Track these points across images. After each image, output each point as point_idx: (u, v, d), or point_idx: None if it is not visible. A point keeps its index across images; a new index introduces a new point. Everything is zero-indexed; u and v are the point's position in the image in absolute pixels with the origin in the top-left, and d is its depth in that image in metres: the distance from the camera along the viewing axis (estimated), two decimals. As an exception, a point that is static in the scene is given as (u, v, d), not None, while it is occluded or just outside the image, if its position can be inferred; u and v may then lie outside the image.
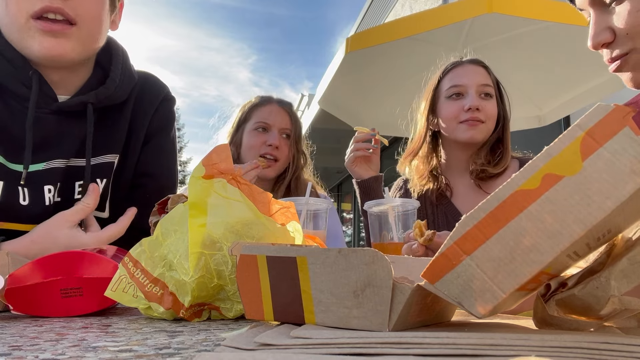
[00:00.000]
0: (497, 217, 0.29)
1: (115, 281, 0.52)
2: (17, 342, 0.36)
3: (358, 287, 0.33)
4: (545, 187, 0.28)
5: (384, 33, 3.14)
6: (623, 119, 0.28)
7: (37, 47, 0.78)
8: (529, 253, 0.28)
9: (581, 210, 0.27)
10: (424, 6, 6.89)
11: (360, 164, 1.36)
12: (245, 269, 0.38)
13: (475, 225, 0.29)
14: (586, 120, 0.29)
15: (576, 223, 0.27)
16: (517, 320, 0.42)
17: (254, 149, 1.46)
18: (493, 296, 0.29)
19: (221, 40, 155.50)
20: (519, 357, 0.25)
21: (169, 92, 1.04)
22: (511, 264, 0.28)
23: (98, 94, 0.88)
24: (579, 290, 0.32)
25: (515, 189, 0.29)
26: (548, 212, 0.28)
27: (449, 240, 0.30)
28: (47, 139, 0.85)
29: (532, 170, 0.29)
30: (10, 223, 0.84)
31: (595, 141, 0.28)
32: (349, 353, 0.28)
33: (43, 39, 0.77)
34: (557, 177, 0.28)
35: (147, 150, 0.99)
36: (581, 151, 0.28)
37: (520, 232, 0.28)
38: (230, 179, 0.56)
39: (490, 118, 1.33)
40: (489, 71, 1.39)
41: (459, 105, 1.33)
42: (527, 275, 0.28)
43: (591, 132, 0.28)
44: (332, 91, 3.54)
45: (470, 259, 0.29)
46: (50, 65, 0.83)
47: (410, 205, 0.93)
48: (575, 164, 0.28)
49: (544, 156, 0.29)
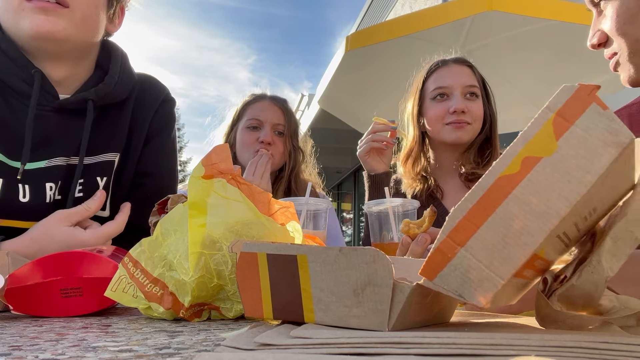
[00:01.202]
0: (484, 205, 0.30)
1: (115, 281, 0.52)
2: (17, 342, 0.36)
3: (358, 286, 0.33)
4: (526, 170, 0.29)
5: (384, 31, 3.13)
6: (589, 96, 0.29)
7: (28, 25, 0.78)
8: (520, 236, 0.29)
9: (563, 188, 0.28)
10: (424, 6, 6.89)
11: (373, 155, 1.34)
12: (245, 267, 0.38)
13: (465, 216, 0.30)
14: (555, 101, 0.30)
15: (560, 200, 0.28)
16: (517, 320, 0.42)
17: (247, 146, 1.44)
18: (492, 284, 0.29)
19: (221, 40, 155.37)
20: (519, 357, 0.25)
21: (169, 94, 1.05)
22: (505, 249, 0.29)
23: (98, 90, 0.89)
24: (577, 279, 0.32)
25: (497, 176, 0.30)
26: (532, 194, 0.29)
27: (441, 235, 0.30)
28: (48, 137, 0.86)
29: (511, 155, 0.30)
30: (9, 220, 0.84)
31: (566, 120, 0.29)
32: (349, 353, 0.28)
33: (34, 17, 0.78)
34: (536, 158, 0.29)
35: (148, 150, 0.99)
36: (554, 131, 0.29)
37: (509, 217, 0.29)
38: (230, 179, 0.56)
39: (476, 119, 1.31)
40: (474, 70, 1.37)
41: (444, 107, 1.31)
42: (522, 258, 0.28)
43: (561, 112, 0.29)
44: (332, 90, 3.54)
45: (465, 249, 0.30)
46: (44, 47, 0.83)
47: (410, 205, 0.93)
48: (551, 144, 0.29)
49: (521, 141, 0.30)
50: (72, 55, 0.87)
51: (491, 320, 0.42)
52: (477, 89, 1.33)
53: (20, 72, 0.84)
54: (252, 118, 1.47)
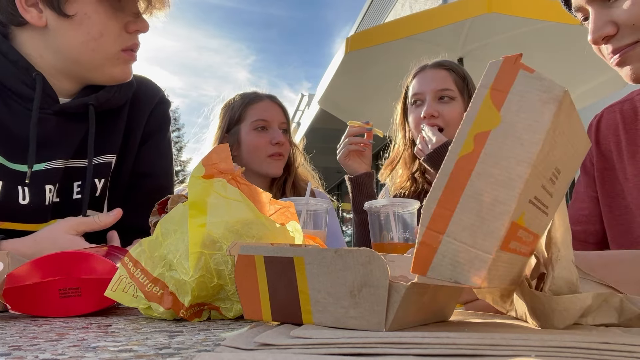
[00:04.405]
0: (452, 189, 0.31)
1: (115, 281, 0.52)
2: (17, 342, 0.36)
3: (355, 287, 0.33)
4: (480, 145, 0.31)
5: (383, 33, 3.14)
6: (515, 64, 0.31)
7: (119, 73, 0.90)
8: (494, 208, 0.30)
9: (518, 152, 0.30)
10: (424, 6, 6.90)
11: (353, 157, 1.36)
12: (243, 269, 0.38)
13: (437, 204, 0.31)
14: (486, 78, 0.32)
15: (519, 164, 0.30)
16: (517, 320, 0.42)
17: (260, 149, 1.42)
18: (481, 261, 0.29)
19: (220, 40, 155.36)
20: (518, 357, 0.25)
21: (164, 95, 1.06)
22: (483, 225, 0.30)
23: (99, 97, 0.90)
24: (554, 272, 0.36)
25: (456, 159, 0.31)
26: (492, 166, 0.30)
27: (421, 228, 0.31)
28: (48, 140, 0.86)
29: (462, 136, 0.31)
30: (9, 222, 0.84)
31: (501, 92, 0.31)
32: (348, 353, 0.28)
33: (126, 67, 0.91)
34: (485, 133, 0.31)
35: (144, 152, 1.00)
36: (494, 104, 0.31)
37: (478, 193, 0.30)
38: (230, 179, 0.56)
39: (450, 122, 1.32)
40: (454, 72, 1.37)
41: (418, 113, 1.34)
42: (501, 228, 0.29)
43: (495, 86, 0.31)
44: (332, 91, 3.54)
45: (447, 235, 0.30)
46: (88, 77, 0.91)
47: (410, 206, 0.93)
48: (495, 116, 0.31)
49: (467, 121, 0.31)
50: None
51: (491, 320, 0.42)
52: (452, 92, 1.34)
53: (21, 75, 0.84)
54: (258, 119, 1.45)
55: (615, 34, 0.75)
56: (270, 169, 1.43)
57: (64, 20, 0.81)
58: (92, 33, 0.83)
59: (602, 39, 0.76)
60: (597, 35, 0.76)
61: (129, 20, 0.86)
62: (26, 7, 0.81)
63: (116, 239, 0.88)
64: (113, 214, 0.85)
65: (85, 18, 0.82)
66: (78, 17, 0.82)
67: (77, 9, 0.81)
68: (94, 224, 0.83)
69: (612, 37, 0.76)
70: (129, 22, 0.86)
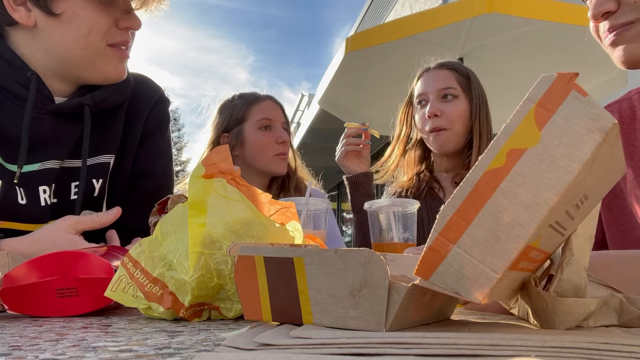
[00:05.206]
0: (473, 200, 0.29)
1: (115, 281, 0.52)
2: (17, 342, 0.36)
3: (354, 288, 0.33)
4: (512, 162, 0.29)
5: (384, 33, 3.14)
6: (568, 84, 0.29)
7: (111, 71, 0.89)
8: (511, 229, 0.28)
9: (550, 177, 0.28)
10: (424, 6, 6.89)
11: (351, 158, 1.38)
12: (243, 270, 0.38)
13: (455, 212, 0.30)
14: (534, 92, 0.30)
15: (549, 190, 0.28)
16: (517, 320, 0.42)
17: (267, 147, 1.44)
18: (487, 279, 0.29)
19: (219, 41, 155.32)
20: (519, 358, 0.25)
21: (163, 94, 1.05)
22: (497, 244, 0.29)
23: (94, 96, 0.89)
24: (562, 274, 0.34)
25: (484, 170, 0.30)
26: (519, 185, 0.29)
27: (433, 233, 0.30)
28: (42, 140, 0.86)
29: (496, 149, 0.30)
30: (10, 222, 0.84)
31: (547, 110, 0.29)
32: (349, 353, 0.28)
33: (118, 64, 0.89)
34: (521, 150, 0.29)
35: (143, 151, 0.99)
36: (536, 122, 0.29)
37: (498, 210, 0.29)
38: (229, 179, 0.56)
39: (453, 121, 1.32)
40: (457, 71, 1.38)
41: (423, 113, 1.36)
42: (515, 251, 0.28)
43: (542, 103, 0.29)
44: (332, 91, 3.54)
45: (457, 246, 0.29)
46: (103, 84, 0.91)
47: (410, 206, 0.93)
48: (534, 135, 0.29)
49: (504, 134, 0.30)
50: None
51: (491, 320, 0.42)
52: (455, 90, 1.34)
53: (16, 75, 0.83)
54: (263, 118, 1.46)
55: (615, 11, 0.73)
56: (277, 167, 1.45)
57: (52, 19, 0.81)
58: (81, 31, 0.82)
59: (602, 15, 0.74)
60: (597, 10, 0.74)
61: (119, 16, 0.85)
62: (14, 7, 0.80)
63: (115, 238, 0.88)
64: (112, 213, 0.84)
65: (73, 16, 0.81)
66: (66, 15, 0.81)
67: (64, 7, 0.80)
68: (93, 222, 0.83)
69: (611, 14, 0.74)
70: (119, 19, 0.85)
